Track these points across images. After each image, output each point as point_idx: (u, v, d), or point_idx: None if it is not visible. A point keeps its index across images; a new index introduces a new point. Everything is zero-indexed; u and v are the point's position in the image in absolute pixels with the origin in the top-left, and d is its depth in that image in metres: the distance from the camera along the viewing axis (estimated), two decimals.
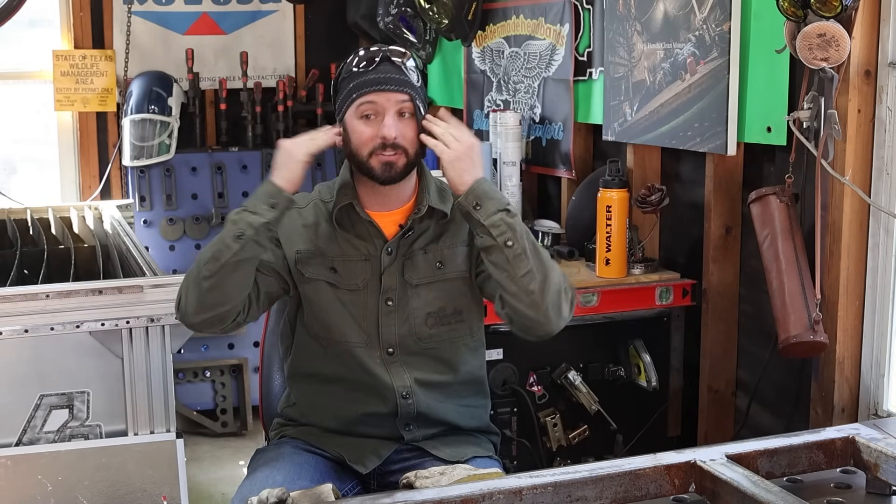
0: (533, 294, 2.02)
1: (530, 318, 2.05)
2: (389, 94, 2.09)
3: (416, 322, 2.17)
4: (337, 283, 2.17)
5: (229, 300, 2.09)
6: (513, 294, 2.03)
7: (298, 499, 1.64)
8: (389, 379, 2.17)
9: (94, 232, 3.71)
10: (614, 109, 3.34)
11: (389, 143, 2.09)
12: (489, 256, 2.05)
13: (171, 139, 4.51)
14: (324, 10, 5.04)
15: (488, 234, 2.03)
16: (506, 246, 2.02)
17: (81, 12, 4.71)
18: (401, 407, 2.18)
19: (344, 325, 2.17)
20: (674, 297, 3.12)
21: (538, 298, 2.03)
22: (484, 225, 2.03)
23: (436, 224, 2.20)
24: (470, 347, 2.23)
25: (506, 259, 2.02)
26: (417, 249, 2.18)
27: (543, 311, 2.04)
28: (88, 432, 2.64)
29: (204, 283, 2.07)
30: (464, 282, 2.19)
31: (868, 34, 2.49)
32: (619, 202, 3.07)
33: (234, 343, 4.63)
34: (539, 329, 2.07)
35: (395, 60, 2.11)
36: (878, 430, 1.68)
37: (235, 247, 2.05)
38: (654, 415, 3.15)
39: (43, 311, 2.57)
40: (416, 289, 2.17)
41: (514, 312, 2.06)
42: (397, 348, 2.17)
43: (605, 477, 1.52)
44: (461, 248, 2.19)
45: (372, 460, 2.18)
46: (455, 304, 2.19)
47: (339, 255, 2.17)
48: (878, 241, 2.57)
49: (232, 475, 4.08)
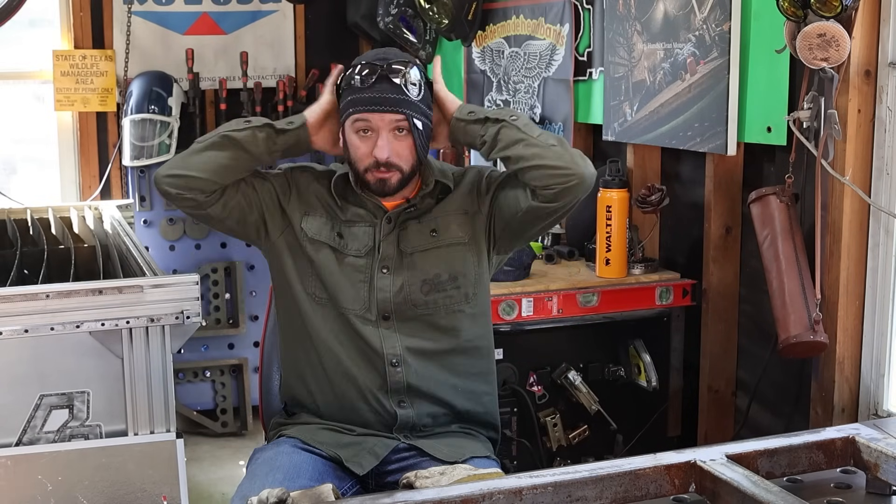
0: (555, 146, 2.13)
1: (567, 171, 2.11)
2: (384, 115, 2.13)
3: (411, 289, 2.20)
4: (340, 248, 2.22)
5: (202, 170, 2.17)
6: (536, 155, 2.12)
7: (298, 499, 1.64)
8: (381, 345, 2.19)
9: (94, 232, 3.70)
10: (614, 109, 3.34)
11: (383, 163, 2.15)
12: (501, 143, 2.14)
13: (171, 139, 4.51)
14: (324, 10, 5.04)
15: (492, 122, 2.16)
16: (511, 119, 2.15)
17: (81, 12, 4.70)
18: (389, 376, 2.19)
19: (342, 289, 2.20)
20: (674, 297, 3.12)
21: (561, 149, 2.13)
22: (486, 117, 2.17)
23: (435, 200, 2.26)
24: (468, 314, 2.24)
25: (517, 129, 2.14)
26: (411, 220, 2.23)
27: (572, 158, 2.13)
28: (88, 432, 2.64)
29: (195, 146, 2.21)
30: (460, 248, 2.23)
31: (868, 34, 2.49)
32: (619, 202, 3.07)
33: (234, 343, 4.63)
34: (574, 180, 2.12)
35: (394, 79, 2.14)
36: (878, 430, 1.68)
37: (241, 126, 2.19)
38: (654, 415, 3.15)
39: (43, 311, 2.57)
40: (412, 256, 2.21)
41: (544, 176, 2.11)
42: (393, 314, 2.20)
43: (605, 477, 1.52)
44: (456, 215, 2.24)
45: (369, 460, 2.18)
46: (450, 270, 2.22)
47: (346, 222, 2.23)
48: (878, 241, 2.57)
49: (232, 475, 4.08)
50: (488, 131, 2.15)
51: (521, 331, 3.00)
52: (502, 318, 2.94)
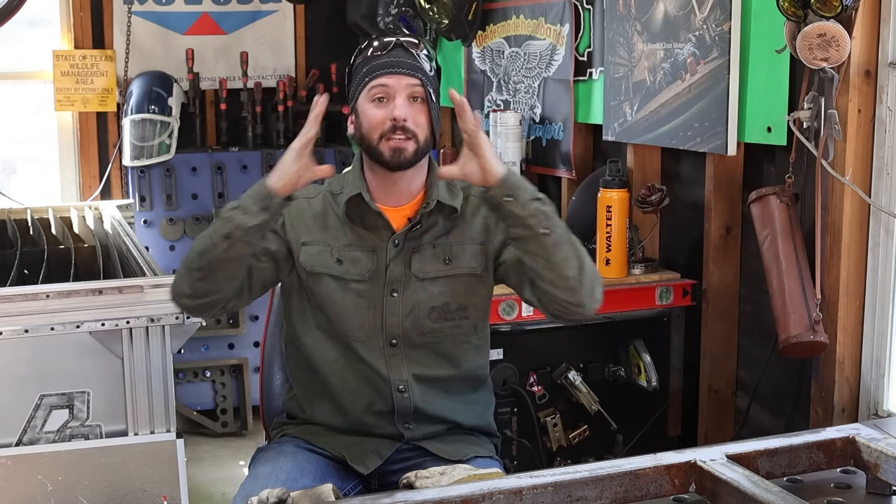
0: (570, 279, 2.02)
1: (568, 303, 2.05)
2: (401, 77, 2.11)
3: (420, 315, 2.17)
4: (342, 274, 2.17)
5: (218, 291, 2.09)
6: (549, 281, 2.03)
7: (299, 499, 1.64)
8: (387, 372, 2.17)
9: (94, 232, 3.70)
10: (614, 109, 3.34)
11: (399, 126, 2.09)
12: (524, 246, 2.04)
13: (171, 139, 4.52)
14: (324, 10, 5.04)
15: (523, 225, 2.01)
16: (542, 234, 2.00)
17: (81, 12, 4.71)
18: (397, 401, 2.17)
19: (346, 317, 2.17)
20: (674, 297, 3.12)
21: (575, 284, 2.03)
22: (520, 216, 2.01)
23: (444, 219, 2.20)
24: (474, 345, 2.23)
25: (543, 247, 2.01)
26: (426, 244, 2.18)
27: (581, 296, 2.04)
28: (88, 432, 2.64)
29: (194, 274, 2.08)
30: (472, 279, 2.19)
31: (868, 34, 2.49)
32: (619, 202, 3.07)
33: (234, 343, 4.63)
34: (575, 314, 2.07)
35: (409, 48, 2.14)
36: (879, 430, 1.68)
37: (223, 245, 2.04)
38: (654, 415, 3.15)
39: (43, 311, 2.57)
40: (423, 282, 2.17)
41: (549, 299, 2.06)
42: (400, 340, 2.17)
43: (606, 477, 1.52)
44: (471, 245, 2.19)
45: (373, 460, 2.18)
46: (461, 300, 2.18)
47: (346, 246, 2.18)
48: (878, 241, 2.57)
49: (232, 475, 4.08)
50: (517, 229, 2.02)
51: (521, 331, 2.99)
52: (502, 318, 2.94)
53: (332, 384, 2.20)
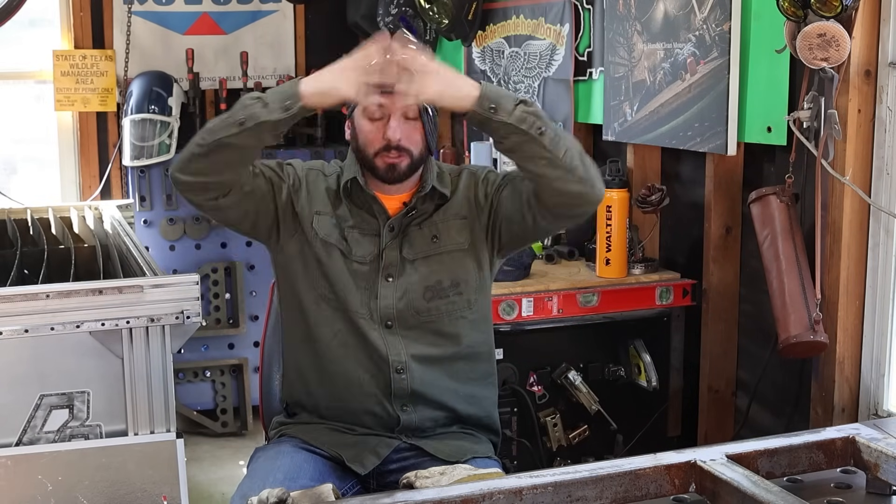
0: (577, 168, 2.02)
1: (581, 193, 2.05)
2: (395, 97, 2.10)
3: (414, 296, 2.20)
4: (347, 253, 2.21)
5: (216, 173, 2.10)
6: (558, 178, 2.02)
7: (298, 499, 1.64)
8: (386, 351, 2.18)
9: (94, 232, 3.70)
10: (614, 109, 3.34)
11: (394, 146, 2.13)
12: (522, 153, 2.02)
13: (171, 139, 4.51)
14: (324, 10, 5.04)
15: (517, 131, 1.99)
16: (538, 134, 1.99)
17: (81, 12, 4.70)
18: (394, 382, 2.18)
19: (350, 292, 2.20)
20: (674, 297, 3.12)
21: (582, 172, 2.03)
22: (510, 124, 1.98)
23: (434, 206, 2.25)
24: (469, 320, 2.24)
25: (542, 146, 2.00)
26: (413, 226, 2.22)
27: (590, 179, 2.05)
28: (88, 432, 2.64)
29: (196, 150, 2.10)
30: (460, 254, 2.22)
31: (868, 34, 2.49)
32: (619, 202, 3.07)
33: (234, 343, 4.64)
34: (589, 202, 2.08)
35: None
36: (879, 430, 1.68)
37: (233, 130, 2.04)
38: (654, 415, 3.15)
39: (43, 311, 2.57)
40: (414, 263, 2.21)
41: (562, 195, 2.04)
42: (396, 322, 2.20)
43: (605, 477, 1.52)
44: (455, 220, 2.23)
45: (371, 460, 2.18)
46: (452, 276, 2.21)
47: (351, 227, 2.22)
48: (878, 241, 2.57)
49: (232, 475, 4.08)
50: (510, 138, 2.01)
51: (522, 331, 3.00)
52: (502, 318, 2.94)
53: (332, 360, 2.21)
